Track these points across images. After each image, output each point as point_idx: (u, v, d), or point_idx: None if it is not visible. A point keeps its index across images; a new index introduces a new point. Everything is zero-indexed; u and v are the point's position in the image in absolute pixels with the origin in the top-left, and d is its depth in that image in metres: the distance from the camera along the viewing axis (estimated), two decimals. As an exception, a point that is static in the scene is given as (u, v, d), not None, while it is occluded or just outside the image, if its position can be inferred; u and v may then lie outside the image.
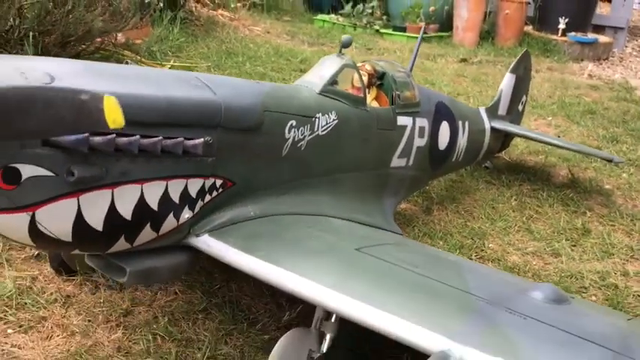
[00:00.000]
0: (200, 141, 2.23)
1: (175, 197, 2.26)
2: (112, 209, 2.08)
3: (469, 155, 4.39)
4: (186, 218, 2.33)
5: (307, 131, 2.75)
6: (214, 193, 2.41)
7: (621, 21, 11.25)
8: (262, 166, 2.60)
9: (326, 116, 2.85)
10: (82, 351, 2.57)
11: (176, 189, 2.25)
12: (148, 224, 2.22)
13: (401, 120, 3.41)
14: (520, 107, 5.24)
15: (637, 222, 4.41)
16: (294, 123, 2.67)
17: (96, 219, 2.07)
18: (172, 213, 2.27)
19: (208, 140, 2.27)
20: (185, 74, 2.44)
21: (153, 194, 2.18)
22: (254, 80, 3.00)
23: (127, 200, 2.12)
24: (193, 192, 2.32)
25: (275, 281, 2.21)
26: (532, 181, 4.98)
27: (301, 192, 2.81)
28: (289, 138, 2.66)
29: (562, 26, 10.48)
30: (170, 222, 2.29)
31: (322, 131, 2.83)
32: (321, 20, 11.00)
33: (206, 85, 2.35)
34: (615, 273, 3.70)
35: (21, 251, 3.18)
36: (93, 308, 2.85)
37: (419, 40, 4.33)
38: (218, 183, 2.41)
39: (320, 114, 2.82)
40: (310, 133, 2.77)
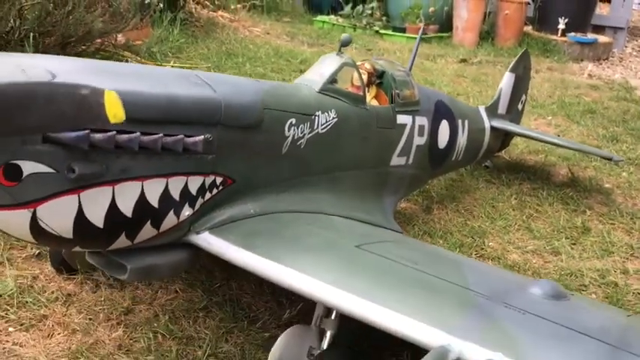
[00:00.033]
0: (200, 138, 2.24)
1: (176, 194, 2.27)
2: (113, 206, 2.09)
3: (469, 154, 4.39)
4: (186, 215, 2.34)
5: (307, 129, 2.75)
6: (214, 191, 2.42)
7: (621, 21, 11.25)
8: (262, 164, 2.61)
9: (326, 114, 2.86)
10: (83, 349, 2.58)
11: (176, 186, 2.26)
12: (149, 221, 2.22)
13: (400, 118, 3.42)
14: (520, 106, 5.24)
15: (637, 220, 4.41)
16: (293, 121, 2.68)
17: (97, 216, 2.07)
18: (173, 210, 2.28)
19: (208, 138, 2.28)
20: (185, 72, 2.45)
21: (153, 191, 2.19)
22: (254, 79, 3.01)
23: (128, 197, 2.12)
24: (193, 189, 2.33)
25: (275, 278, 2.22)
26: (532, 180, 4.99)
27: (301, 190, 2.82)
28: (289, 136, 2.67)
29: (562, 26, 10.48)
30: (170, 219, 2.29)
31: (322, 129, 2.84)
32: (321, 21, 11.00)
33: (206, 83, 2.36)
34: (615, 271, 3.70)
35: (22, 250, 3.19)
36: (94, 307, 2.85)
37: (418, 40, 4.34)
38: (218, 180, 2.42)
39: (320, 112, 2.83)
40: (310, 132, 2.78)
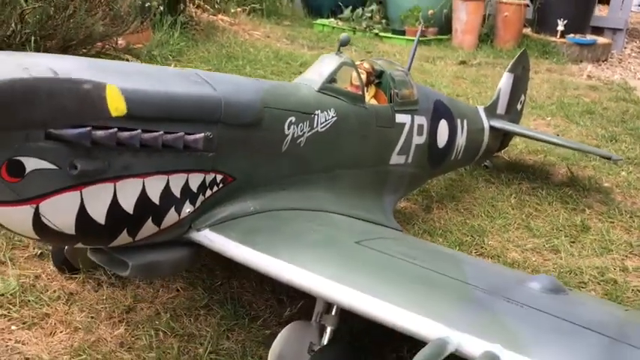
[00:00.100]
0: (201, 136, 2.26)
1: (176, 191, 2.29)
2: (115, 202, 2.11)
3: (468, 154, 4.41)
4: (187, 213, 2.36)
5: (306, 128, 2.77)
6: (215, 188, 2.44)
7: (619, 22, 11.28)
8: (262, 162, 2.63)
9: (325, 113, 2.88)
10: (85, 346, 2.60)
11: (177, 183, 2.28)
12: (150, 218, 2.24)
13: (399, 118, 3.44)
14: (519, 107, 5.26)
15: (636, 219, 4.43)
16: (293, 119, 2.70)
17: (98, 212, 2.09)
18: (174, 207, 2.30)
19: (209, 135, 2.30)
20: (185, 71, 2.47)
21: (154, 188, 2.21)
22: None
23: (129, 194, 2.14)
24: (194, 186, 2.35)
25: (275, 273, 2.24)
26: (531, 180, 5.00)
27: (301, 188, 2.83)
28: (289, 134, 2.69)
29: (560, 28, 10.51)
30: (171, 216, 2.31)
31: (321, 128, 2.86)
32: (321, 24, 11.04)
33: (206, 82, 2.38)
34: (614, 268, 3.71)
35: (24, 250, 3.21)
36: (95, 305, 2.87)
37: (416, 39, 4.36)
38: (218, 178, 2.44)
39: (319, 111, 2.85)
40: (309, 130, 2.80)
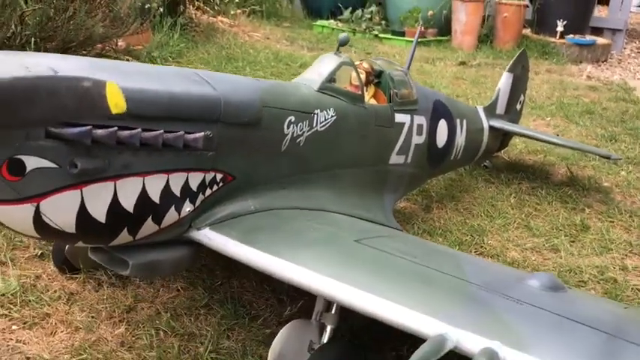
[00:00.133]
0: (200, 135, 2.26)
1: (176, 190, 2.30)
2: (115, 201, 2.12)
3: (467, 154, 4.42)
4: (187, 211, 2.36)
5: (306, 127, 2.78)
6: (215, 187, 2.45)
7: (619, 23, 11.29)
8: (262, 161, 2.64)
9: (324, 112, 2.89)
10: (86, 346, 2.61)
11: (177, 182, 2.29)
12: (150, 217, 2.25)
13: (399, 117, 3.45)
14: (518, 107, 5.27)
15: (635, 218, 4.43)
16: (292, 119, 2.70)
17: (99, 211, 2.10)
18: (174, 206, 2.31)
19: (208, 134, 2.30)
20: (185, 70, 2.48)
21: (154, 187, 2.22)
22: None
23: (129, 192, 2.15)
24: (194, 185, 2.36)
25: (276, 272, 2.24)
26: (531, 180, 5.01)
27: (301, 187, 2.84)
28: (288, 133, 2.70)
29: (560, 29, 10.51)
30: (172, 215, 2.32)
31: (321, 127, 2.87)
32: (320, 26, 11.05)
33: (205, 81, 2.39)
34: (614, 267, 3.72)
35: (25, 251, 3.22)
36: (96, 305, 2.88)
37: (415, 39, 4.37)
38: (218, 177, 2.45)
39: (318, 110, 2.86)
40: (309, 129, 2.81)
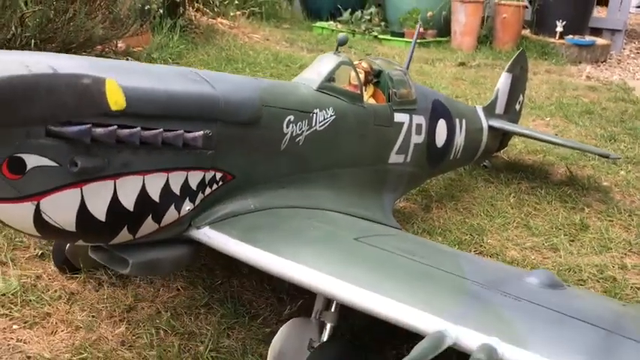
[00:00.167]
0: (200, 134, 2.27)
1: (176, 189, 2.30)
2: (115, 200, 2.13)
3: (467, 153, 4.42)
4: (187, 210, 2.37)
5: (305, 126, 2.79)
6: (214, 186, 2.46)
7: (618, 23, 11.30)
8: (261, 160, 2.64)
9: (323, 112, 2.90)
10: (87, 345, 2.61)
11: (177, 181, 2.30)
12: (150, 215, 2.26)
13: (398, 117, 3.46)
14: (517, 107, 5.27)
15: (635, 217, 4.43)
16: (292, 118, 2.71)
17: (99, 209, 2.11)
18: (173, 205, 2.31)
19: (208, 133, 2.31)
20: (184, 70, 2.49)
21: (154, 185, 2.23)
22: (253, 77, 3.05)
23: (129, 191, 2.16)
24: (194, 184, 2.36)
25: (275, 270, 2.25)
26: (530, 179, 5.01)
27: (300, 186, 2.85)
28: (287, 133, 2.70)
29: (559, 29, 10.54)
30: (171, 214, 2.33)
31: (320, 127, 2.88)
32: (320, 27, 11.08)
33: (205, 80, 2.40)
34: (613, 266, 3.72)
35: (25, 251, 3.23)
36: (97, 304, 2.89)
37: (415, 39, 4.38)
38: (218, 176, 2.46)
39: (317, 110, 2.87)
40: (308, 129, 2.81)
